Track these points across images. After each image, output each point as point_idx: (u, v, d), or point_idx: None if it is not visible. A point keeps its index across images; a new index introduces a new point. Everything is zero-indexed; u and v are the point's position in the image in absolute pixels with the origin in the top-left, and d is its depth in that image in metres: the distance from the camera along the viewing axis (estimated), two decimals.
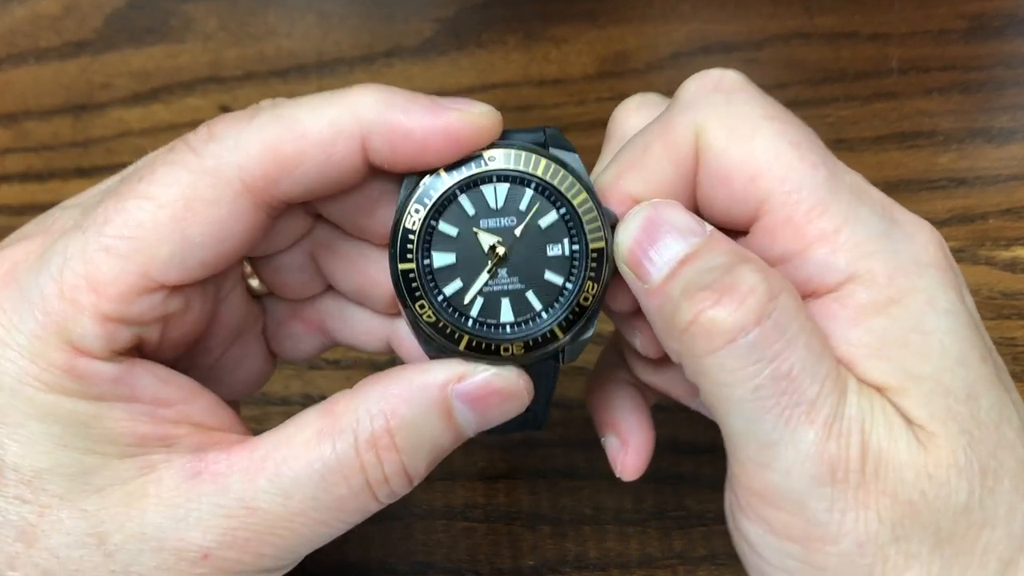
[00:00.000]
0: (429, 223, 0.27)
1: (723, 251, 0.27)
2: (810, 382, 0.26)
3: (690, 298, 0.26)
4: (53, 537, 0.26)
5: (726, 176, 0.28)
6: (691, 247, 0.27)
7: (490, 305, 0.28)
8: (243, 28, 0.56)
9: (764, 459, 0.26)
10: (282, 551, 0.27)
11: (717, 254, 0.27)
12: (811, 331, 0.26)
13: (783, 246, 0.28)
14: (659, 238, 0.27)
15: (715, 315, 0.25)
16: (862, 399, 0.26)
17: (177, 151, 0.27)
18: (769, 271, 0.27)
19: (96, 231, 0.26)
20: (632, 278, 0.28)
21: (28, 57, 0.55)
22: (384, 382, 0.28)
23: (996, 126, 0.52)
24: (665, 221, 0.28)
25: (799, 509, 0.26)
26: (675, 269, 0.27)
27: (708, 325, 0.26)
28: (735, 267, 0.26)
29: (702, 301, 0.26)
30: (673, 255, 0.27)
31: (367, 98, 0.27)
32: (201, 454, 0.27)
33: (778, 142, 0.28)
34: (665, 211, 0.28)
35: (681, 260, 0.27)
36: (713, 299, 0.26)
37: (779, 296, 0.26)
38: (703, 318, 0.26)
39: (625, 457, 0.34)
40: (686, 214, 0.28)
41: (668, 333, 0.27)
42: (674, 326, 0.26)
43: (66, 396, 0.26)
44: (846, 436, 0.26)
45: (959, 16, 0.55)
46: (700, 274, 0.26)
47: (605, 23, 0.56)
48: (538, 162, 0.28)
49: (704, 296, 0.26)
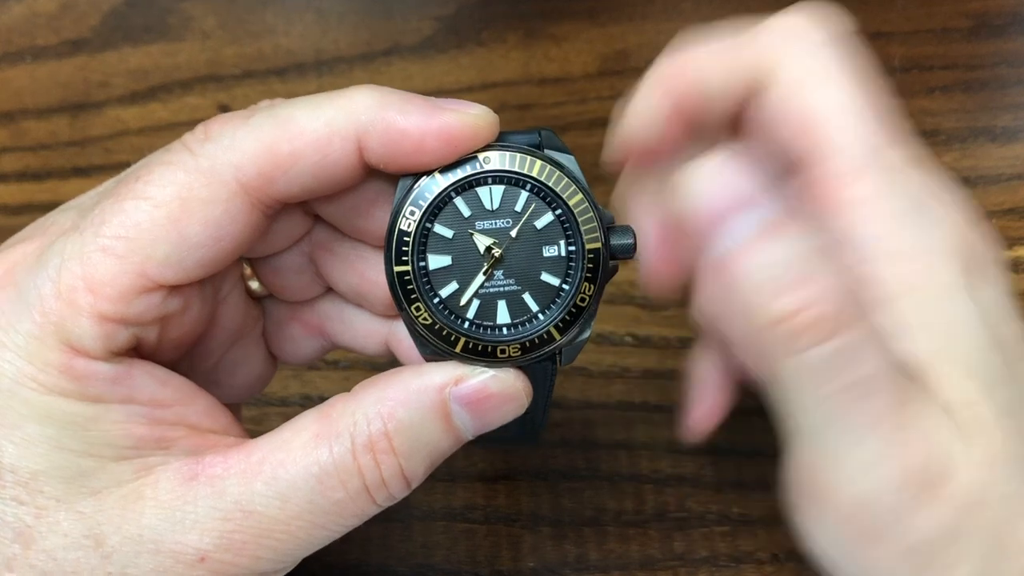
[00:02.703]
0: (424, 225, 0.27)
1: (800, 235, 0.25)
2: (885, 387, 0.25)
3: (770, 293, 0.25)
4: (50, 539, 0.26)
5: (782, 118, 0.28)
6: (764, 224, 0.25)
7: (486, 307, 0.28)
8: (241, 26, 0.55)
9: (834, 461, 0.26)
10: (279, 554, 0.27)
11: (795, 238, 0.25)
12: (887, 334, 0.26)
13: (809, 204, 0.27)
14: (731, 202, 0.25)
15: (798, 318, 0.25)
16: (927, 405, 0.26)
17: (173, 151, 0.27)
18: (846, 266, 0.26)
19: (93, 232, 0.26)
20: (694, 233, 0.26)
21: (25, 55, 0.55)
22: (381, 385, 0.27)
23: (999, 125, 0.52)
24: (739, 181, 0.25)
25: (865, 510, 0.26)
26: (746, 248, 0.25)
27: (790, 327, 0.25)
28: (816, 260, 0.25)
29: (783, 297, 0.25)
30: (745, 229, 0.25)
31: (363, 98, 0.27)
32: (198, 457, 0.27)
33: (844, 101, 0.27)
34: (738, 171, 0.26)
35: (753, 237, 0.25)
36: (796, 300, 0.25)
37: (860, 298, 0.25)
38: (784, 319, 0.25)
39: (694, 412, 0.33)
40: (758, 178, 0.26)
41: (743, 320, 0.26)
42: (748, 320, 0.25)
43: (63, 398, 0.26)
44: (915, 442, 0.26)
45: (962, 15, 0.55)
46: (778, 263, 0.25)
47: (606, 21, 0.55)
48: (533, 163, 0.27)
49: (786, 292, 0.25)
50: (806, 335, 0.25)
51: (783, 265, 0.25)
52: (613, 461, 0.42)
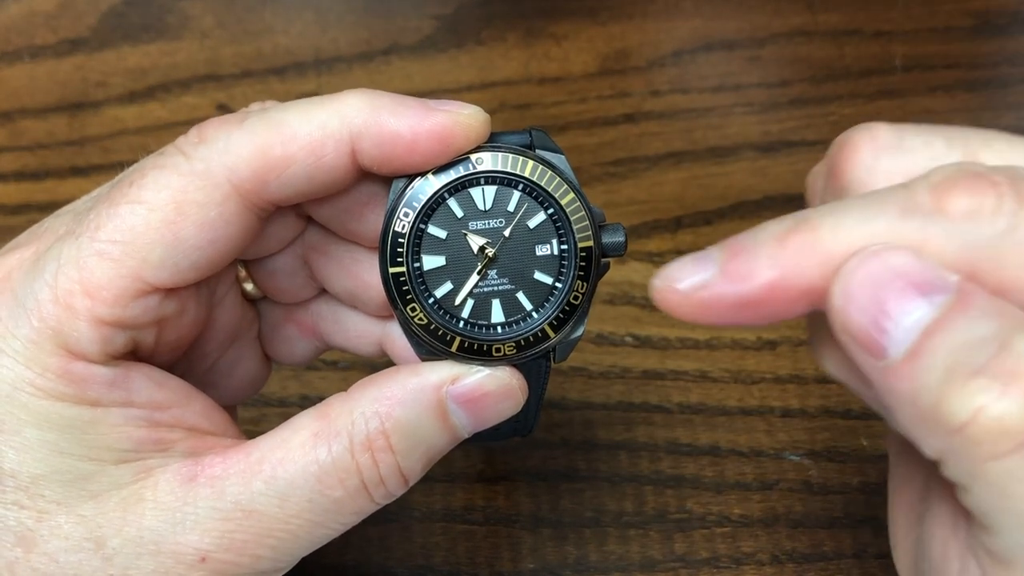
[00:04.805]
0: (418, 226, 0.28)
1: (985, 312, 0.21)
2: None
3: (959, 387, 0.20)
4: (52, 542, 0.26)
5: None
6: (940, 309, 0.21)
7: (481, 306, 0.28)
8: (240, 25, 0.55)
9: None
10: (279, 553, 0.27)
11: (979, 318, 0.21)
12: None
13: None
14: (891, 297, 0.22)
15: (1000, 413, 0.20)
16: None
17: (167, 155, 0.27)
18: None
19: (89, 236, 0.26)
20: (856, 350, 0.22)
21: (23, 54, 0.55)
22: (378, 384, 0.28)
23: (1001, 124, 0.51)
24: (897, 273, 0.22)
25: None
26: (922, 342, 0.21)
27: (992, 426, 0.20)
28: (1011, 339, 0.21)
29: (978, 393, 0.20)
30: (916, 321, 0.21)
31: (356, 101, 0.27)
32: (197, 458, 0.27)
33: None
34: (895, 259, 0.22)
35: (928, 329, 0.21)
36: (993, 391, 0.20)
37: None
38: (984, 417, 0.20)
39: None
40: (923, 261, 0.22)
41: (926, 428, 0.22)
42: (938, 423, 0.21)
43: (62, 402, 0.26)
44: None
45: (964, 13, 0.55)
46: (964, 350, 0.21)
47: (606, 20, 0.55)
48: (525, 164, 0.28)
49: (980, 385, 0.20)
50: (1010, 435, 0.20)
51: (966, 350, 0.21)
52: (613, 462, 0.42)
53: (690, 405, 0.43)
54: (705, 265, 0.23)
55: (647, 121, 0.52)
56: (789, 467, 0.41)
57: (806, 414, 0.43)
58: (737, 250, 0.23)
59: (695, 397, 0.43)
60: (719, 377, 0.44)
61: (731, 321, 0.23)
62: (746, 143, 0.51)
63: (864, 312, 0.22)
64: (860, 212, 0.23)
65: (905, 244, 0.22)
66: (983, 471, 0.21)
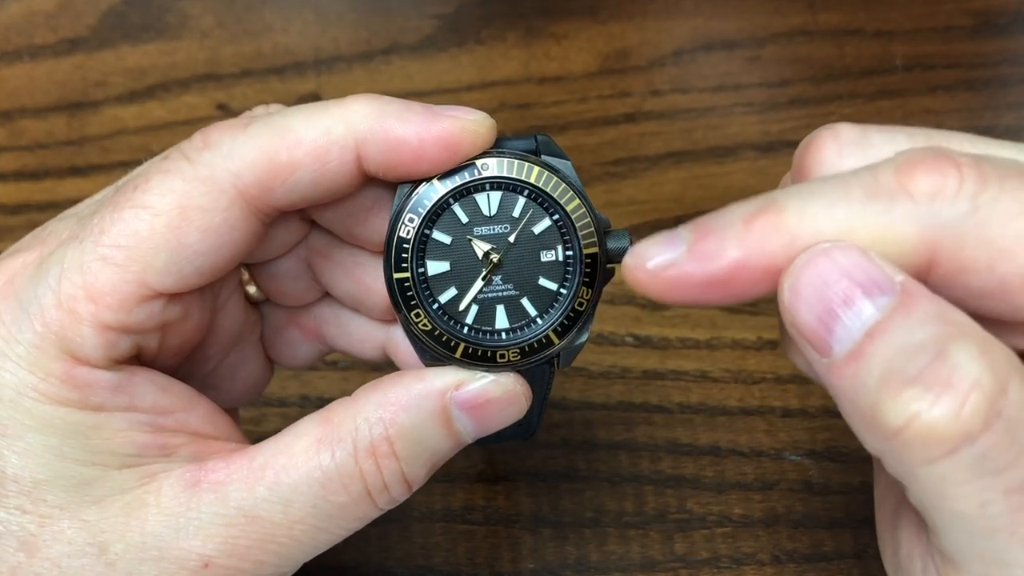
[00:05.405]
0: (423, 232, 0.28)
1: (926, 317, 0.21)
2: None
3: (895, 394, 0.21)
4: (55, 547, 0.26)
5: (997, 290, 0.23)
6: (882, 311, 0.22)
7: (485, 312, 0.28)
8: (240, 25, 0.55)
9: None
10: (282, 559, 0.27)
11: (919, 323, 0.21)
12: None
13: None
14: (837, 297, 0.22)
15: (932, 421, 0.21)
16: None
17: (172, 159, 0.27)
18: (989, 347, 0.21)
19: (93, 241, 0.26)
20: (804, 345, 0.23)
21: (22, 54, 0.55)
22: (382, 390, 0.28)
23: (1002, 124, 0.52)
24: (843, 272, 0.22)
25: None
26: (863, 344, 0.22)
27: (924, 432, 0.21)
28: (947, 347, 0.21)
29: (912, 401, 0.21)
30: (860, 323, 0.22)
31: (361, 107, 0.27)
32: (200, 463, 0.27)
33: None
34: (842, 257, 0.22)
35: (870, 331, 0.22)
36: (926, 399, 0.21)
37: (1008, 387, 0.21)
38: (917, 424, 0.21)
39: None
40: (869, 260, 0.22)
41: (865, 428, 0.22)
42: (876, 426, 0.22)
43: (65, 407, 0.26)
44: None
45: (965, 13, 0.55)
46: (901, 355, 0.21)
47: (606, 19, 0.55)
48: (531, 169, 0.28)
49: (914, 394, 0.21)
50: (940, 442, 0.21)
51: (904, 355, 0.21)
52: (613, 462, 0.42)
53: (690, 405, 0.43)
54: (674, 244, 0.24)
55: (647, 121, 0.52)
56: (790, 467, 0.41)
57: (807, 414, 0.43)
58: (706, 230, 0.23)
59: (695, 397, 0.43)
60: (720, 377, 0.44)
61: (699, 300, 0.24)
62: (746, 143, 0.51)
63: (812, 309, 0.22)
64: (826, 195, 0.23)
65: (868, 228, 0.22)
66: (918, 475, 0.22)
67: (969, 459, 0.21)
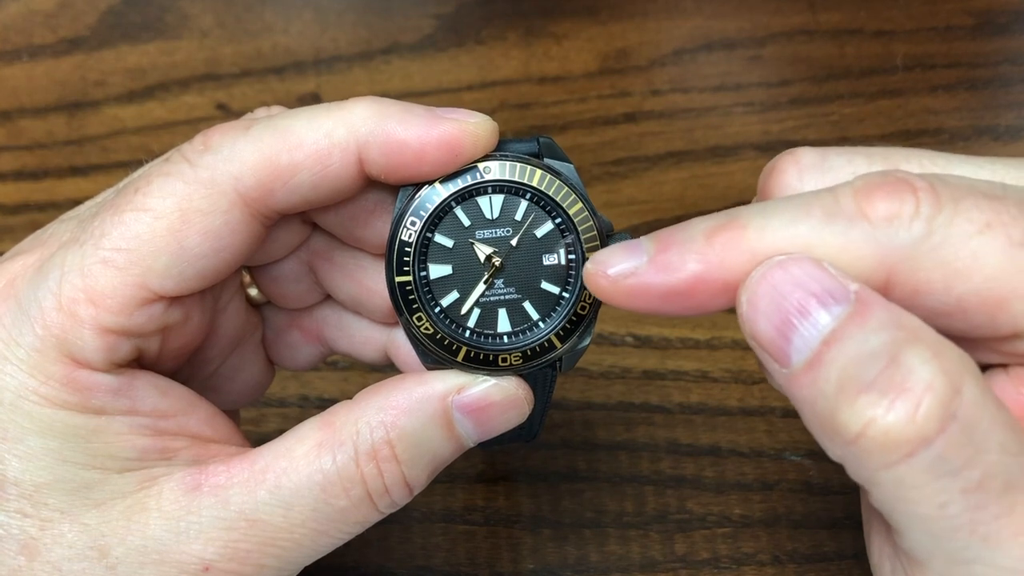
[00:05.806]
0: (425, 235, 0.28)
1: (879, 325, 0.22)
2: (1006, 489, 0.21)
3: (851, 401, 0.21)
4: (55, 550, 0.26)
5: (955, 309, 0.23)
6: (837, 320, 0.22)
7: (487, 315, 0.28)
8: (239, 25, 0.55)
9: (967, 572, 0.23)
10: (283, 562, 0.27)
11: (873, 330, 0.22)
12: (1004, 423, 0.22)
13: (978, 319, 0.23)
14: (792, 308, 0.22)
15: (888, 426, 0.21)
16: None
17: (172, 162, 0.27)
18: (941, 349, 0.22)
19: (94, 244, 0.26)
20: (764, 357, 0.23)
21: (22, 54, 0.55)
22: (384, 393, 0.28)
23: (1002, 124, 0.52)
24: (798, 283, 0.22)
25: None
26: (820, 352, 0.22)
27: (881, 438, 0.21)
28: (901, 353, 0.21)
29: (868, 407, 0.21)
30: (816, 333, 0.22)
31: (363, 110, 0.27)
32: (201, 467, 0.27)
33: (1006, 256, 0.22)
34: (796, 269, 0.22)
35: (826, 340, 0.22)
36: (881, 405, 0.21)
37: (962, 388, 0.21)
38: (873, 430, 0.21)
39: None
40: (823, 271, 0.22)
41: (825, 436, 0.23)
42: (835, 433, 0.22)
43: (66, 410, 0.26)
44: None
45: (965, 12, 0.54)
46: (856, 363, 0.21)
47: (606, 19, 0.55)
48: (533, 172, 0.28)
49: (869, 400, 0.21)
50: (896, 447, 0.21)
51: (858, 363, 0.21)
52: (614, 462, 0.42)
53: (691, 405, 0.43)
54: (636, 253, 0.24)
55: (647, 121, 0.52)
56: (790, 467, 0.41)
57: None
58: (668, 243, 0.24)
59: (696, 397, 0.43)
60: (720, 377, 0.44)
61: (657, 310, 0.24)
62: (746, 143, 0.51)
63: (769, 321, 0.23)
64: (786, 214, 0.23)
65: (826, 248, 0.23)
66: (878, 479, 0.22)
67: (926, 462, 0.21)
